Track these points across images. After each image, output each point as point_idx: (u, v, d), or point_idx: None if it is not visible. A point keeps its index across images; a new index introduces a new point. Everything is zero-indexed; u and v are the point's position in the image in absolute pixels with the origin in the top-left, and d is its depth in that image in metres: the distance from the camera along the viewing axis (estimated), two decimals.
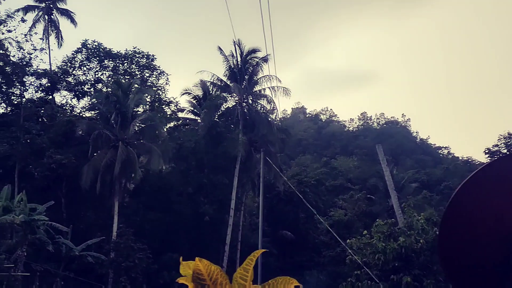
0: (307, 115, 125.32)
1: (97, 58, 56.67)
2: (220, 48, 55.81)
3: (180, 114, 59.91)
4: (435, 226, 27.00)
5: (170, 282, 44.94)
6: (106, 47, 57.11)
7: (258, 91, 56.54)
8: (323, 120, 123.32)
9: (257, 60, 55.98)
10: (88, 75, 57.05)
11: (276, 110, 58.75)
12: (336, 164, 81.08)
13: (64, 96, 56.26)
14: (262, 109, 56.25)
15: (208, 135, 51.02)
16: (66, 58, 56.43)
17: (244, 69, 55.74)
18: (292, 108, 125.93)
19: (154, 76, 59.00)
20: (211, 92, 56.40)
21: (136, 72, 58.10)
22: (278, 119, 64.69)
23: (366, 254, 28.19)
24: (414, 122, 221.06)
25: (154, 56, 58.61)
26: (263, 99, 56.27)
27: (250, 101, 56.41)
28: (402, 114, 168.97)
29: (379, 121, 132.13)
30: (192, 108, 58.30)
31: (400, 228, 28.76)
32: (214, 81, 56.59)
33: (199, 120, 55.98)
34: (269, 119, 55.56)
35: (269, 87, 55.79)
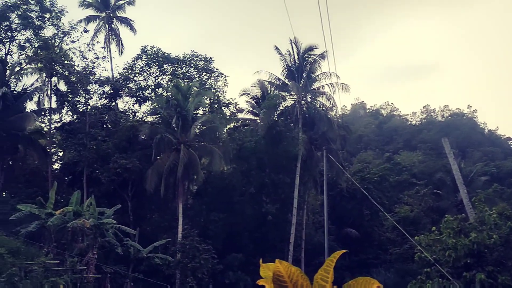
0: (367, 111, 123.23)
1: (157, 63, 57.81)
2: (276, 47, 55.70)
3: (240, 115, 60.29)
4: (508, 221, 25.81)
5: (235, 282, 45.26)
6: (164, 52, 58.19)
7: (316, 89, 56.03)
8: (384, 115, 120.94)
9: (315, 57, 55.47)
10: (149, 80, 58.31)
11: (336, 107, 58.06)
12: (400, 159, 79.24)
13: (126, 102, 57.78)
14: (321, 106, 55.69)
15: (268, 135, 50.99)
16: (127, 64, 57.92)
17: (302, 67, 55.36)
18: (351, 104, 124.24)
19: (213, 78, 59.61)
20: (269, 92, 56.38)
21: (195, 75, 58.84)
22: (338, 115, 63.84)
23: (435, 251, 27.33)
24: (481, 113, 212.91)
25: (212, 59, 59.26)
26: (322, 96, 55.73)
27: (309, 99, 55.99)
28: (468, 105, 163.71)
29: (443, 114, 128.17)
30: (251, 109, 58.53)
31: (471, 224, 27.67)
32: (272, 81, 56.56)
33: (258, 120, 56.07)
34: (329, 116, 54.91)
35: (327, 84, 55.26)
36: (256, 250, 48.66)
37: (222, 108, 58.27)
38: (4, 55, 52.66)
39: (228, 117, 57.63)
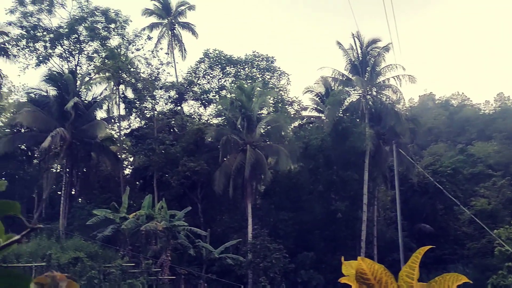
0: (436, 102, 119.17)
1: (219, 66, 58.43)
2: (339, 43, 54.88)
3: (304, 113, 59.90)
4: None
5: (308, 280, 44.92)
6: (226, 54, 58.73)
7: (382, 82, 54.75)
8: (455, 105, 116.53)
9: (378, 50, 54.22)
10: (212, 83, 59.06)
11: (403, 100, 56.57)
12: (473, 151, 76.11)
13: (192, 105, 58.74)
14: (388, 100, 54.37)
15: (334, 131, 50.33)
16: (191, 69, 58.92)
17: (366, 61, 54.27)
18: (419, 96, 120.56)
19: (275, 78, 59.66)
20: (333, 88, 55.70)
21: (257, 76, 59.04)
22: (406, 108, 62.21)
23: None
24: None
25: (274, 58, 59.32)
26: (388, 90, 54.39)
27: (374, 93, 54.80)
28: None
29: None
30: (315, 106, 58.05)
31: None
32: (335, 76, 55.78)
33: (323, 117, 55.49)
34: (396, 110, 53.53)
35: (393, 77, 53.82)
36: (327, 248, 48.14)
37: (286, 106, 58.14)
38: (74, 67, 54.82)
39: (292, 115, 57.44)
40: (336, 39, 64.48)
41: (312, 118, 58.42)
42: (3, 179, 48.23)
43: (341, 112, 53.67)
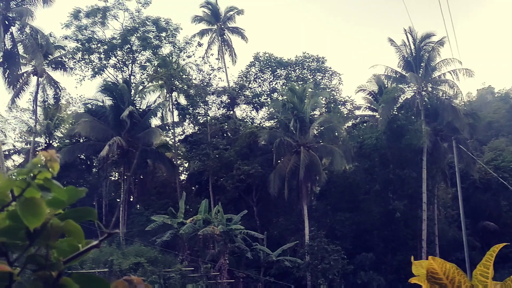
0: (495, 95, 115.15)
1: (270, 68, 58.42)
2: (391, 39, 53.79)
3: (357, 112, 59.08)
4: None
5: (368, 282, 44.08)
6: (277, 57, 58.65)
7: (437, 77, 53.27)
8: None
9: (433, 45, 52.80)
10: (263, 86, 59.08)
11: (460, 94, 54.79)
12: None
13: (244, 109, 58.96)
14: (444, 95, 52.84)
15: (388, 130, 49.30)
16: (241, 73, 59.15)
17: (419, 57, 52.96)
18: (477, 90, 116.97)
19: (327, 78, 59.14)
20: (386, 86, 54.66)
21: (309, 77, 58.71)
22: (463, 103, 60.28)
23: None
24: None
25: (324, 58, 58.82)
26: (444, 85, 52.85)
27: (429, 89, 53.39)
28: None
29: None
30: (368, 104, 57.15)
31: None
32: (388, 74, 54.70)
33: (377, 116, 54.50)
34: (453, 105, 51.94)
35: (449, 71, 52.29)
36: (387, 248, 47.15)
37: (339, 106, 57.51)
38: (128, 76, 56.08)
39: (345, 115, 56.71)
40: (387, 36, 62.97)
41: (365, 117, 57.51)
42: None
43: (395, 110, 52.52)
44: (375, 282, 43.99)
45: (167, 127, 56.69)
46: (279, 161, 48.36)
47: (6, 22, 47.31)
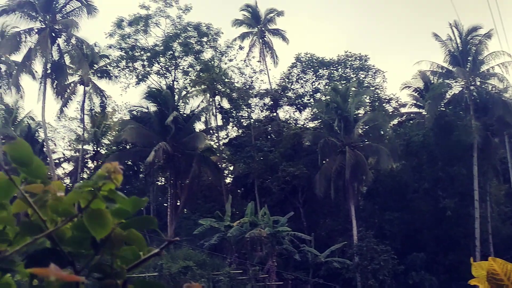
0: None
1: (312, 69, 58.03)
2: (435, 34, 52.51)
3: (403, 110, 58.02)
4: None
5: (419, 282, 43.17)
6: (318, 57, 58.21)
7: (486, 71, 51.71)
8: None
9: (480, 38, 51.29)
10: (306, 87, 58.73)
11: (511, 88, 52.97)
12: None
13: (287, 110, 58.74)
14: (494, 89, 51.25)
15: (436, 126, 48.17)
16: (283, 74, 58.92)
17: (466, 51, 51.54)
18: None
19: (370, 76, 58.33)
20: (432, 82, 53.43)
21: (351, 75, 58.02)
22: None
23: None
24: None
25: (367, 56, 57.98)
26: (493, 78, 51.27)
27: (478, 83, 51.89)
28: None
29: None
30: (414, 101, 56.01)
31: None
32: (434, 69, 53.46)
33: (424, 113, 53.30)
34: (504, 99, 50.32)
35: (498, 64, 50.68)
36: (439, 248, 46.00)
37: (384, 105, 56.59)
38: (171, 82, 56.73)
39: (390, 113, 55.73)
40: (432, 31, 61.49)
41: (411, 115, 56.35)
42: None
43: (442, 106, 51.25)
44: (427, 282, 43.01)
45: (211, 131, 57.02)
46: (324, 162, 47.92)
47: (53, 34, 48.57)
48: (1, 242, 1.40)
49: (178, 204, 52.62)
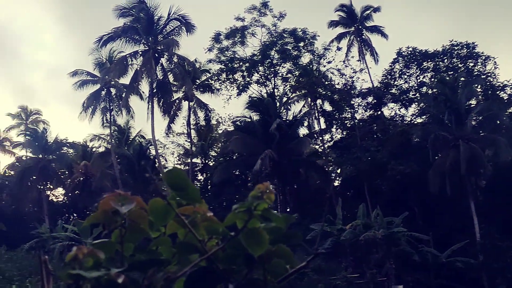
0: None
1: (415, 62, 55.90)
2: None
3: None
4: None
5: None
6: (421, 50, 55.99)
7: None
8: None
9: None
10: (410, 81, 56.69)
11: None
12: None
13: (392, 108, 57.00)
14: None
15: None
16: (385, 71, 57.28)
17: None
18: None
19: (480, 64, 55.04)
20: None
21: (459, 65, 55.20)
22: None
23: None
24: None
25: (475, 44, 54.88)
26: None
27: None
28: None
29: None
30: None
31: None
32: None
33: None
34: None
35: None
36: None
37: (498, 92, 53.20)
38: (271, 90, 57.21)
39: (506, 100, 52.27)
40: None
41: None
42: (224, 204, 51.89)
43: None
44: None
45: (315, 135, 56.72)
46: (436, 158, 45.92)
47: (156, 55, 50.73)
48: (160, 264, 1.45)
49: (288, 210, 52.73)
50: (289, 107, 56.19)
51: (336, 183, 57.85)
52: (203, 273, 1.42)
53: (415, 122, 54.17)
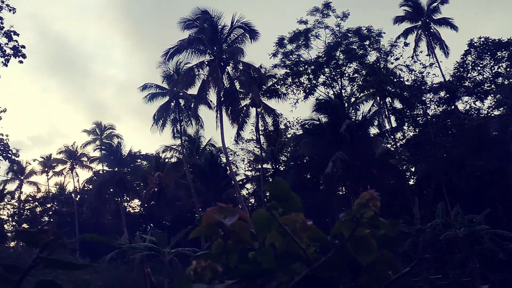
0: None
1: (488, 53, 53.62)
2: None
3: None
4: None
5: None
6: (494, 39, 53.64)
7: None
8: None
9: None
10: (484, 73, 54.36)
11: None
12: None
13: (466, 101, 54.87)
14: None
15: None
16: (457, 64, 55.28)
17: None
18: None
19: None
20: None
21: None
22: None
23: None
24: None
25: None
26: None
27: None
28: None
29: None
30: None
31: None
32: None
33: None
34: None
35: None
36: None
37: None
38: (338, 91, 56.58)
39: None
40: None
41: None
42: None
43: None
44: None
45: (386, 134, 55.53)
46: None
47: (222, 64, 51.44)
48: (266, 274, 1.47)
49: None
50: (357, 107, 55.42)
51: (411, 182, 56.40)
52: (308, 281, 1.42)
53: (492, 115, 51.86)
